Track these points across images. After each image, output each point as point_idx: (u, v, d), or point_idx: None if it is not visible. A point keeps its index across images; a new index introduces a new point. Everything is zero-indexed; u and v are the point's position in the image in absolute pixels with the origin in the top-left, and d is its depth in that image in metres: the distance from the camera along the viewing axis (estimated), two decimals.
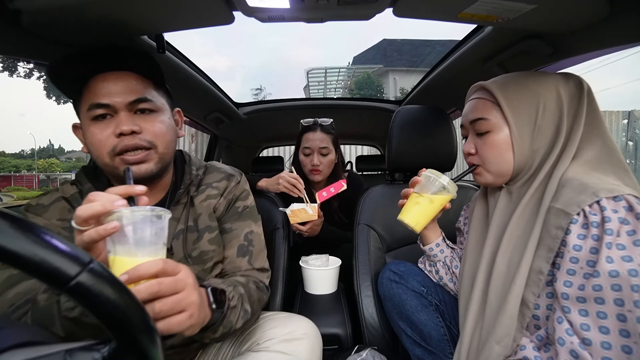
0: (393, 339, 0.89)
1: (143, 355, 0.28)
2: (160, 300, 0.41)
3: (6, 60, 10.60)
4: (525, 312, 0.56)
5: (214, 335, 0.55)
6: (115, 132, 0.57)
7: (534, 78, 0.62)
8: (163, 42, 0.83)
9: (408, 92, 1.62)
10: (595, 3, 0.59)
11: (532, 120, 0.61)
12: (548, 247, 0.53)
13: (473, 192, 1.07)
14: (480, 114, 0.65)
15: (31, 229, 0.25)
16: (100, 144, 0.57)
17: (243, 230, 0.74)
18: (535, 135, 0.61)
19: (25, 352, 0.27)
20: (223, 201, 0.74)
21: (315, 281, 1.07)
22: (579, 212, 0.50)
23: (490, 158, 0.65)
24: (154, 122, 0.61)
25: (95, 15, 0.63)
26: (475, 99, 0.67)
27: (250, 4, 0.61)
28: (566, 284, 0.50)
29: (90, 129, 0.58)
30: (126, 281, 0.38)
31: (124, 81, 0.59)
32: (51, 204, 0.61)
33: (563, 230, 0.51)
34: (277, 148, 3.99)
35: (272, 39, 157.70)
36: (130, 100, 0.59)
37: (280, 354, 0.62)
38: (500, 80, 0.65)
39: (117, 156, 0.58)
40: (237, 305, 0.58)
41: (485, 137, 0.65)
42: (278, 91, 51.58)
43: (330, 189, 1.14)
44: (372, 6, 0.63)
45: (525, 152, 0.62)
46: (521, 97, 0.61)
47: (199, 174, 0.74)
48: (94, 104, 0.57)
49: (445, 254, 0.82)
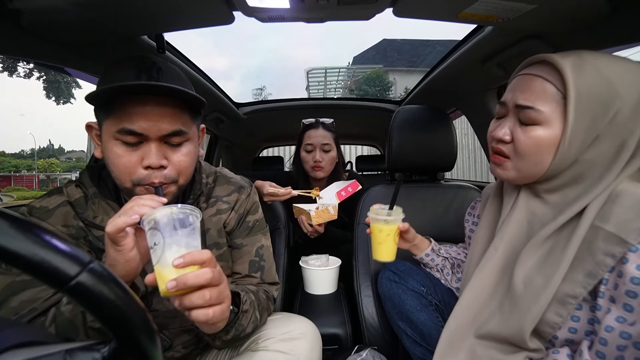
0: (393, 339, 0.89)
1: (143, 355, 0.28)
2: (210, 289, 0.44)
3: (6, 60, 10.61)
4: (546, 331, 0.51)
5: (226, 337, 0.56)
6: (143, 164, 0.54)
7: (624, 70, 0.47)
8: (163, 42, 0.83)
9: (408, 92, 1.62)
10: (595, 3, 0.59)
11: (595, 126, 0.48)
12: (589, 273, 0.46)
13: (473, 192, 1.07)
14: (534, 102, 0.51)
15: (31, 228, 0.25)
16: (125, 169, 0.54)
17: (254, 245, 0.74)
18: (590, 145, 0.49)
19: (25, 352, 0.26)
20: (234, 215, 0.72)
21: (315, 281, 1.07)
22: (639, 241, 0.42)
23: (525, 154, 0.53)
24: (180, 154, 0.58)
25: (95, 16, 0.63)
26: (533, 75, 0.52)
27: (250, 4, 0.61)
28: (619, 320, 0.43)
29: (114, 150, 0.54)
30: (180, 264, 0.41)
31: (163, 109, 0.54)
32: (56, 208, 0.59)
33: (615, 258, 0.44)
34: (277, 148, 4.00)
35: (271, 39, 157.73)
36: (165, 134, 0.55)
37: (279, 353, 0.62)
38: (584, 65, 0.48)
39: (139, 186, 0.55)
40: (249, 310, 0.59)
41: (530, 129, 0.52)
42: (278, 91, 51.57)
43: (347, 189, 1.13)
44: (372, 6, 0.63)
45: (567, 161, 0.51)
46: (597, 94, 0.47)
47: (208, 182, 0.72)
48: (127, 129, 0.52)
49: (436, 262, 0.84)
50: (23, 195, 16.10)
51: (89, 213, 0.61)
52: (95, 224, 0.60)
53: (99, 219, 0.61)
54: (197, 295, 0.43)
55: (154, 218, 0.44)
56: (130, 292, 0.29)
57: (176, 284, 0.41)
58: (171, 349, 0.65)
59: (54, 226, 0.58)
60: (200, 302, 0.43)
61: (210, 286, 0.44)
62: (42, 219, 0.58)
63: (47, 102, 13.68)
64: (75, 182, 0.64)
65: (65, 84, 13.25)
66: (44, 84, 12.92)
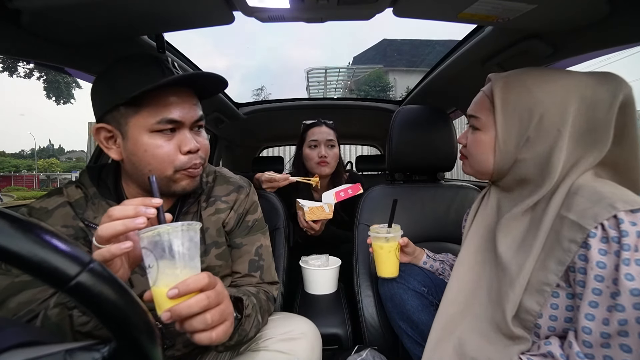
0: (393, 339, 0.89)
1: (143, 355, 0.28)
2: (210, 312, 0.43)
3: (6, 60, 10.61)
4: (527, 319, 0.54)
5: (229, 342, 0.56)
6: (183, 150, 0.58)
7: (544, 81, 0.56)
8: (163, 42, 0.83)
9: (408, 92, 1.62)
10: (595, 3, 0.59)
11: (522, 129, 0.57)
12: (558, 260, 0.51)
13: (473, 192, 1.07)
14: (474, 111, 0.65)
15: (31, 229, 0.25)
16: (167, 158, 0.57)
17: (254, 245, 0.74)
18: (522, 146, 0.58)
19: (25, 352, 0.27)
20: (233, 215, 0.72)
21: (315, 281, 1.07)
22: (596, 226, 0.47)
23: (472, 154, 0.66)
24: (202, 137, 0.64)
25: (95, 16, 0.63)
26: (482, 90, 0.65)
27: (250, 4, 0.61)
28: (591, 304, 0.46)
29: (152, 142, 0.56)
30: (176, 295, 0.40)
31: (190, 98, 0.60)
32: (55, 209, 0.60)
33: (577, 244, 0.48)
34: (277, 148, 4.00)
35: (271, 39, 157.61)
36: (196, 119, 0.60)
37: (279, 353, 0.62)
38: (509, 79, 0.60)
39: (180, 171, 0.59)
40: (252, 315, 0.60)
41: (475, 133, 0.65)
42: (278, 91, 51.55)
43: (347, 191, 1.13)
44: (372, 6, 0.63)
45: (507, 160, 0.60)
46: (519, 102, 0.57)
47: (208, 180, 0.73)
48: (167, 119, 0.56)
49: (435, 267, 0.86)
50: (23, 195, 16.09)
51: (89, 213, 0.61)
52: (95, 225, 0.60)
53: (98, 219, 0.60)
54: (198, 320, 0.42)
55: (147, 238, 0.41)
56: (131, 292, 0.29)
57: (170, 315, 0.40)
58: (172, 348, 0.65)
59: (53, 227, 0.58)
60: (202, 327, 0.42)
61: (209, 309, 0.43)
62: (42, 220, 0.58)
63: (47, 102, 13.67)
64: (75, 182, 0.64)
65: (65, 84, 13.26)
66: (44, 84, 12.93)
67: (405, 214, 0.98)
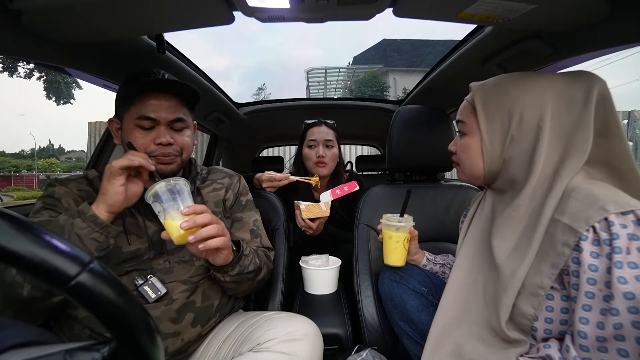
0: (393, 339, 0.89)
1: (143, 355, 0.28)
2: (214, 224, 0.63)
3: (6, 60, 10.61)
4: (522, 322, 0.54)
5: (232, 272, 0.72)
6: (155, 142, 0.72)
7: (520, 82, 0.59)
8: (163, 42, 0.83)
9: (408, 92, 1.62)
10: (595, 3, 0.59)
11: (505, 129, 0.59)
12: (552, 263, 0.51)
13: (473, 192, 1.07)
14: (459, 116, 0.67)
15: (31, 229, 0.25)
16: (142, 146, 0.72)
17: (251, 218, 0.91)
18: (508, 145, 0.59)
19: (25, 352, 0.27)
20: (231, 194, 0.89)
21: (315, 281, 1.07)
22: (587, 229, 0.47)
23: (462, 160, 0.68)
24: (183, 136, 0.77)
25: (95, 16, 0.63)
26: (465, 99, 0.68)
27: (250, 4, 0.61)
28: (585, 307, 0.46)
29: (134, 133, 0.72)
30: (188, 212, 0.60)
31: (170, 102, 0.74)
32: (74, 180, 0.76)
33: (570, 247, 0.48)
34: (277, 148, 4.00)
35: (271, 39, 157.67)
36: (171, 119, 0.74)
37: (281, 354, 0.62)
38: (487, 83, 0.63)
39: (153, 158, 0.72)
40: (249, 255, 0.76)
41: (462, 138, 0.67)
42: (278, 91, 51.51)
43: (344, 188, 1.13)
44: (372, 6, 0.63)
45: (495, 160, 0.62)
46: (498, 103, 0.60)
47: (202, 172, 0.88)
48: (144, 116, 0.71)
49: (435, 270, 0.87)
50: (23, 195, 16.07)
51: None
52: None
53: None
54: (207, 229, 0.61)
55: (153, 192, 0.61)
56: (131, 292, 0.29)
57: (188, 223, 0.58)
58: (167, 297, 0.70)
59: (70, 189, 0.72)
60: (213, 232, 0.62)
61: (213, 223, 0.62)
62: (63, 185, 0.72)
63: (47, 102, 13.66)
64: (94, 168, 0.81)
65: (65, 84, 13.25)
66: (44, 84, 12.91)
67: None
